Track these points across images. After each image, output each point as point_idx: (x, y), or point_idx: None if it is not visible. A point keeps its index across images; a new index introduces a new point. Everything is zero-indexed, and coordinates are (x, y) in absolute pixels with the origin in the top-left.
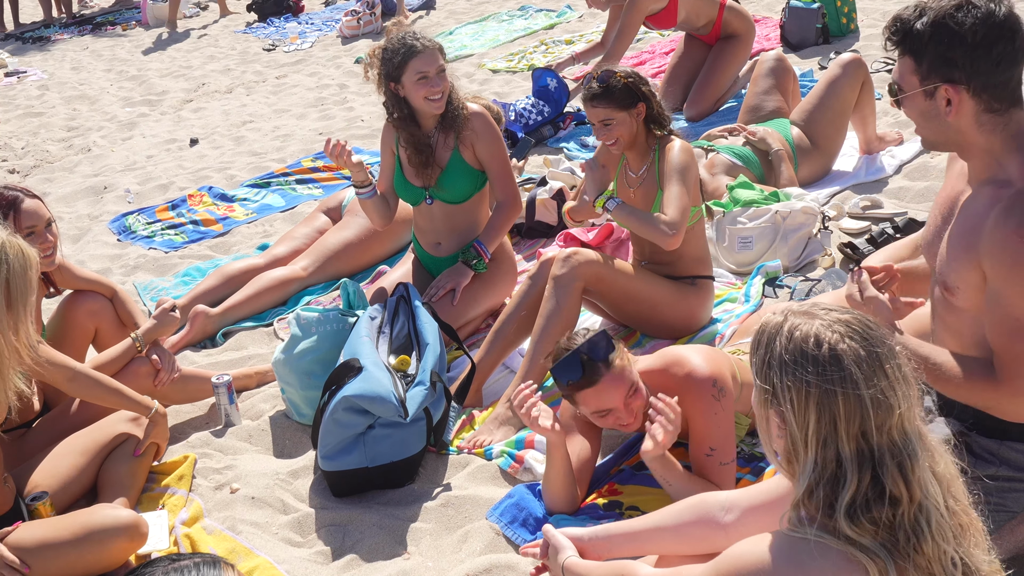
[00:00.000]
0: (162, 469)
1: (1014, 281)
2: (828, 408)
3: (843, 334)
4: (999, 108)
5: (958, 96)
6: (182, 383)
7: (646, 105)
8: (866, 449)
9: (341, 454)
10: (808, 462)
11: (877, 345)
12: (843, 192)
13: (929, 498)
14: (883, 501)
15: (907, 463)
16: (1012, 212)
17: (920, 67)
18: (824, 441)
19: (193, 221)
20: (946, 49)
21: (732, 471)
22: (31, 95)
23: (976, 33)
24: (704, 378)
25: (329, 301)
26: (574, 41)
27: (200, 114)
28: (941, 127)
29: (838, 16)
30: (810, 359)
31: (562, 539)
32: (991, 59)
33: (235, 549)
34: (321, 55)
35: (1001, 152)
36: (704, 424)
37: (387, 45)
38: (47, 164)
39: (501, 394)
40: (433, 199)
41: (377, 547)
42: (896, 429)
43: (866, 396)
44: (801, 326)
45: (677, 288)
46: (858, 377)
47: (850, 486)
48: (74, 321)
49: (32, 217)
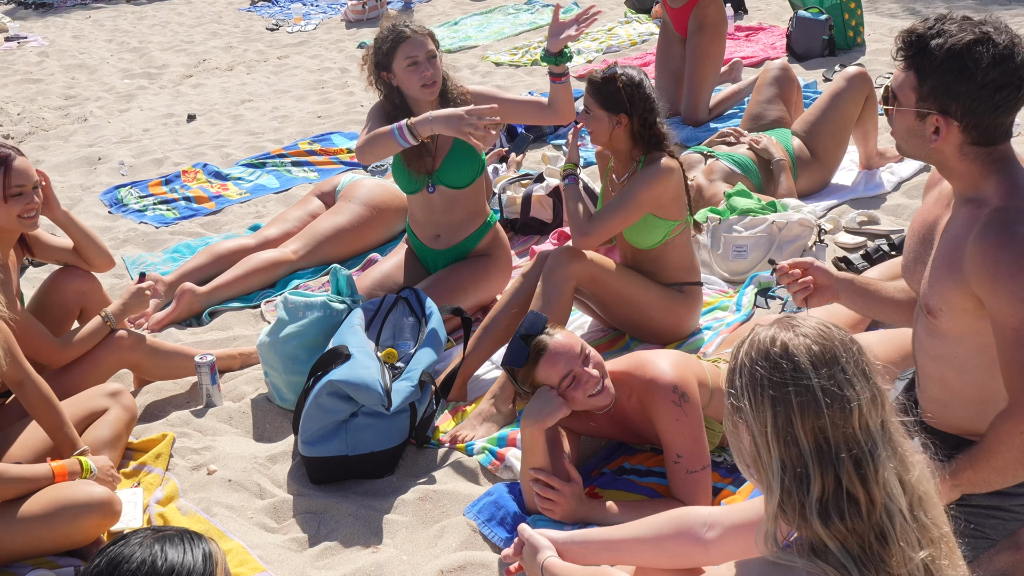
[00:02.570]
0: (139, 446)
1: (998, 290)
2: (782, 403)
3: (800, 334)
4: (985, 143)
5: (947, 128)
6: (164, 359)
7: (630, 119)
8: (825, 446)
9: (322, 440)
10: (774, 464)
11: (833, 342)
12: (841, 206)
13: (893, 502)
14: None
15: (867, 462)
16: (990, 228)
17: (921, 87)
18: (784, 439)
19: (186, 197)
20: (953, 81)
21: (700, 479)
22: (30, 61)
23: (987, 74)
24: (666, 383)
25: (318, 286)
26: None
27: (199, 90)
28: (922, 147)
29: (845, 29)
30: (764, 356)
31: (540, 539)
32: (992, 103)
33: (208, 531)
34: (324, 38)
35: (979, 177)
36: (668, 430)
37: (378, 34)
38: (42, 131)
39: (486, 390)
40: (435, 186)
41: (352, 537)
42: (855, 425)
43: (815, 387)
44: (767, 332)
45: (667, 294)
46: (807, 367)
47: (815, 484)
48: (59, 299)
49: (22, 176)
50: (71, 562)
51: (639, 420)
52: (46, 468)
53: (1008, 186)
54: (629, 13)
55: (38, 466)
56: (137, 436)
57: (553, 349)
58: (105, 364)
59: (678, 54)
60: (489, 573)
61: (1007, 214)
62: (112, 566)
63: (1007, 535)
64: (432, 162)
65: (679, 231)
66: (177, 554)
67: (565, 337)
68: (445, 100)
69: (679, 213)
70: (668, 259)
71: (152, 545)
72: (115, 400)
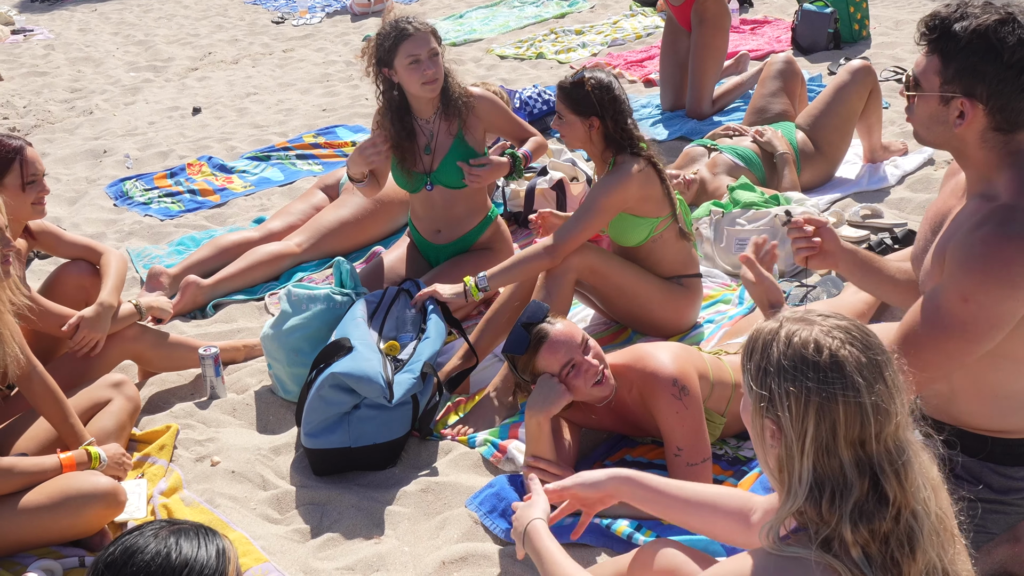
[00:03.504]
0: (143, 438)
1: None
2: (828, 415)
3: (843, 340)
4: (1007, 129)
5: (973, 111)
6: (169, 350)
7: (602, 122)
8: (863, 457)
9: (325, 432)
10: (804, 471)
11: (877, 353)
12: (844, 199)
13: (919, 503)
14: (884, 508)
15: (902, 470)
16: (987, 221)
17: (946, 70)
18: (825, 449)
19: (191, 190)
20: (979, 61)
21: (701, 472)
22: (36, 54)
23: (1015, 54)
24: (666, 377)
25: (322, 279)
26: (584, 32)
27: (204, 83)
28: (945, 134)
29: (850, 22)
30: (811, 365)
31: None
32: (1019, 84)
33: (212, 522)
34: (330, 31)
35: (994, 168)
36: (667, 423)
37: (380, 30)
38: (48, 124)
39: (488, 381)
40: (434, 185)
41: (354, 528)
42: (891, 437)
43: (867, 403)
44: (799, 332)
45: (666, 287)
46: (860, 384)
47: (854, 493)
48: (64, 292)
49: (34, 166)
50: (75, 552)
51: (639, 413)
52: (54, 460)
53: (1020, 183)
54: (634, 6)
55: (46, 458)
56: (141, 427)
57: (554, 337)
58: (110, 355)
59: (684, 47)
60: (491, 564)
61: (1010, 212)
62: (127, 555)
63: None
64: (430, 162)
65: (665, 226)
66: (192, 548)
67: (566, 326)
68: (446, 98)
69: (658, 210)
70: (661, 255)
71: (168, 537)
72: (119, 391)
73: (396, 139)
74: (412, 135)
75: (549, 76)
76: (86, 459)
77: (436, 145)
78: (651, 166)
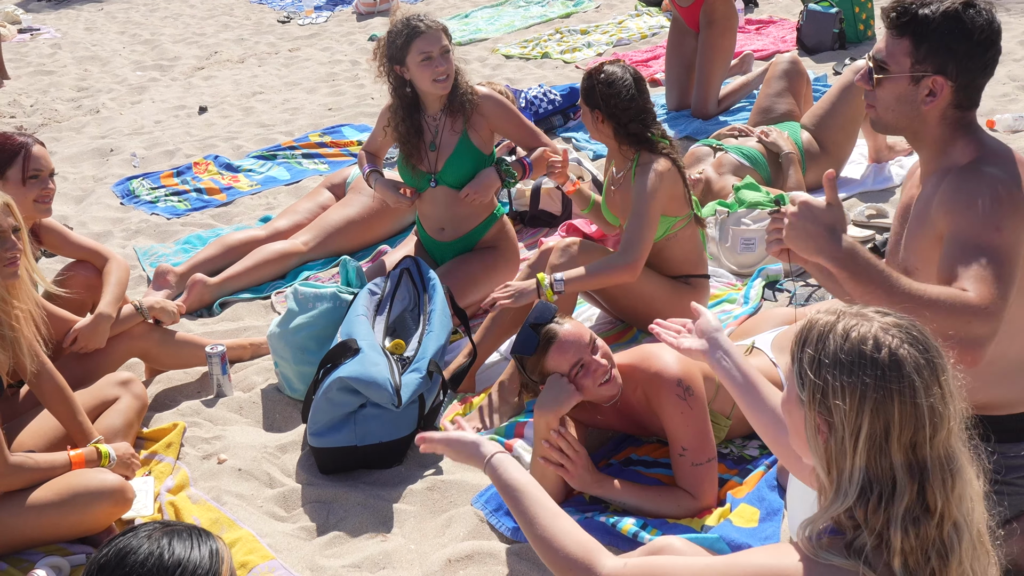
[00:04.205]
0: (150, 436)
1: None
2: (883, 413)
3: (902, 340)
4: (967, 106)
5: (944, 88)
6: (175, 348)
7: (603, 116)
8: (915, 461)
9: (331, 431)
10: (856, 469)
11: (936, 355)
12: (849, 199)
13: (963, 515)
14: (929, 517)
15: (950, 480)
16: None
17: (917, 51)
18: (878, 447)
19: (197, 189)
20: (952, 40)
21: (706, 472)
22: (43, 53)
23: (982, 32)
24: (670, 377)
25: (328, 277)
26: (590, 31)
27: (211, 82)
28: (909, 113)
29: (856, 22)
30: (869, 361)
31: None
32: (984, 61)
33: (219, 520)
34: (335, 30)
35: (949, 141)
36: (672, 423)
37: (392, 27)
38: (55, 123)
39: (494, 380)
40: (438, 183)
41: (361, 526)
42: (943, 443)
43: (923, 405)
44: (858, 327)
45: (673, 286)
46: (918, 385)
47: (905, 497)
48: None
49: (39, 162)
50: (83, 549)
51: (644, 413)
52: (64, 456)
53: (975, 144)
54: (639, 6)
55: (57, 454)
56: (148, 425)
57: (563, 337)
58: (116, 353)
59: (690, 47)
60: (497, 562)
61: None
62: (119, 557)
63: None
64: (435, 160)
65: (681, 225)
66: (184, 549)
67: (574, 326)
68: (455, 95)
69: (678, 209)
70: (672, 253)
71: (160, 539)
72: (126, 389)
73: (405, 136)
74: (420, 132)
75: (554, 76)
76: (95, 456)
77: (441, 142)
78: (674, 165)
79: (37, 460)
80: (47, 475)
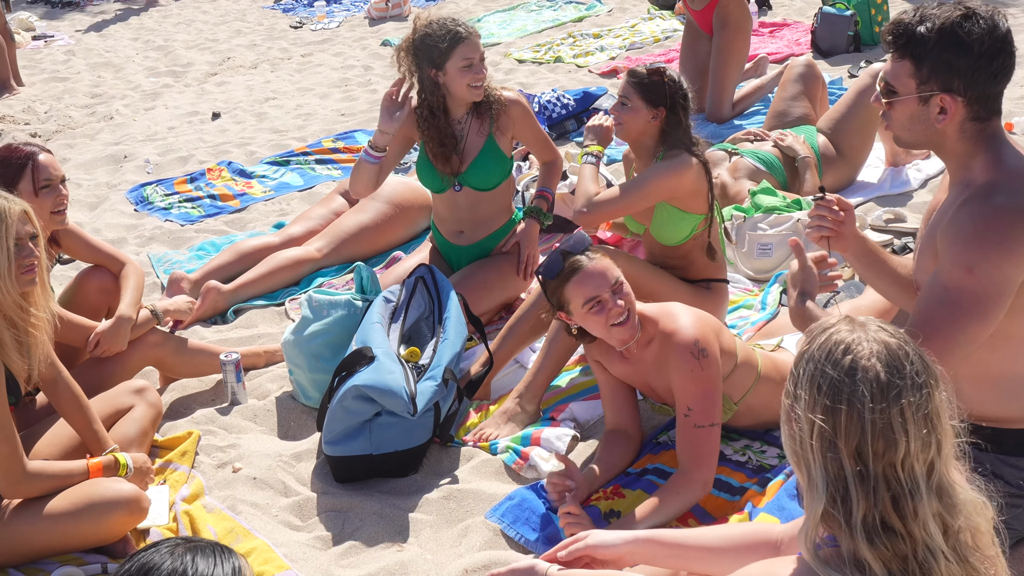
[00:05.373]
0: (165, 444)
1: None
2: (832, 414)
3: (873, 352)
4: (984, 116)
5: (954, 105)
6: (190, 356)
7: (668, 114)
8: (865, 472)
9: (346, 440)
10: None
11: (901, 378)
12: (867, 204)
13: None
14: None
15: (905, 502)
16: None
17: (920, 71)
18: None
19: (211, 195)
20: (951, 56)
21: (708, 435)
22: (57, 60)
23: (983, 44)
24: (686, 336)
25: (342, 284)
26: (602, 35)
27: (224, 88)
28: (926, 131)
29: (871, 24)
30: (832, 363)
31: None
32: (991, 71)
33: (234, 529)
34: (348, 35)
35: (971, 155)
36: (682, 381)
37: (427, 31)
38: (69, 130)
39: (510, 388)
40: (461, 186)
41: (376, 535)
42: (900, 465)
43: (868, 419)
44: (842, 331)
45: (693, 291)
46: (864, 394)
47: (859, 506)
48: (87, 297)
49: (47, 170)
50: (98, 559)
51: (654, 369)
52: (82, 464)
53: (993, 160)
54: (652, 9)
55: (74, 463)
56: (163, 434)
57: (587, 270)
58: (131, 361)
59: (704, 51)
60: None
61: (989, 187)
62: (143, 573)
63: None
64: (459, 163)
65: (704, 227)
66: (207, 566)
67: (602, 263)
68: (483, 98)
69: (702, 206)
70: (695, 256)
71: (184, 555)
72: (141, 397)
73: (436, 138)
74: (449, 134)
75: (567, 80)
76: (113, 464)
77: (466, 146)
78: (701, 163)
79: (55, 468)
80: (65, 483)
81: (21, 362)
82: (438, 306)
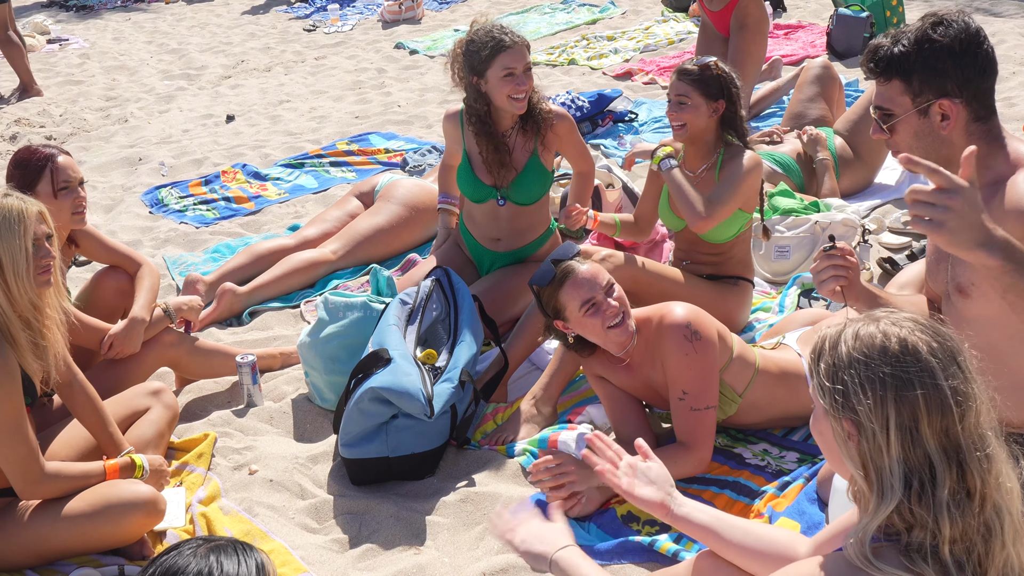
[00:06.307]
0: (182, 446)
1: None
2: (907, 401)
3: (911, 329)
4: (984, 116)
5: (954, 108)
6: (205, 358)
7: (727, 105)
8: (949, 445)
9: (363, 442)
10: (894, 464)
11: (947, 339)
12: (885, 206)
13: (1002, 498)
14: (971, 500)
15: (986, 462)
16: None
17: (911, 85)
18: (910, 436)
19: (225, 198)
20: (936, 62)
21: (704, 418)
22: (72, 63)
23: (961, 42)
24: (678, 319)
25: (357, 286)
26: (616, 37)
27: (238, 91)
28: (934, 143)
29: (887, 26)
30: (882, 353)
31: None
32: (978, 65)
33: (251, 532)
34: (361, 38)
35: (987, 154)
36: (676, 365)
37: (473, 37)
38: (84, 133)
39: (527, 390)
40: (505, 201)
41: (393, 538)
42: (974, 425)
43: (945, 387)
44: (866, 326)
45: (716, 289)
46: (935, 367)
47: (947, 482)
48: (103, 298)
49: (66, 172)
50: (115, 560)
51: (654, 368)
52: (99, 466)
53: (1011, 152)
54: (666, 12)
55: (91, 464)
56: (179, 435)
57: (579, 275)
58: (147, 362)
59: (719, 53)
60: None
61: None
62: None
63: None
64: (504, 178)
65: (749, 225)
66: (232, 565)
67: (593, 267)
68: (530, 113)
69: (755, 204)
70: (735, 251)
71: (207, 556)
72: (157, 399)
73: (491, 144)
74: (495, 146)
75: (581, 82)
76: (129, 465)
77: (511, 160)
78: None
79: (73, 469)
80: (82, 484)
81: (36, 363)
82: (454, 308)
